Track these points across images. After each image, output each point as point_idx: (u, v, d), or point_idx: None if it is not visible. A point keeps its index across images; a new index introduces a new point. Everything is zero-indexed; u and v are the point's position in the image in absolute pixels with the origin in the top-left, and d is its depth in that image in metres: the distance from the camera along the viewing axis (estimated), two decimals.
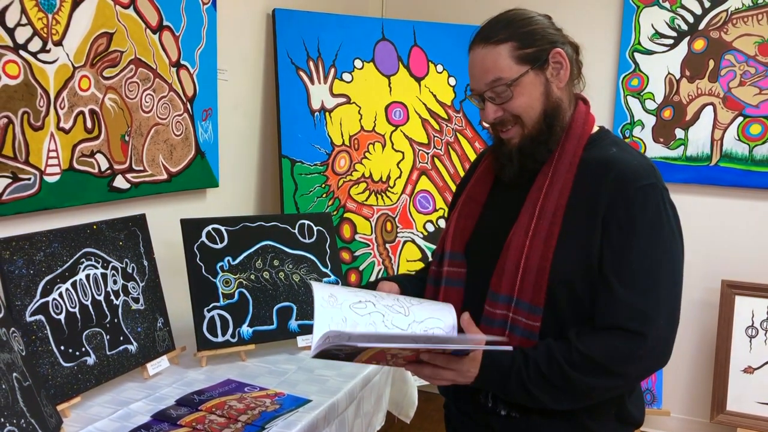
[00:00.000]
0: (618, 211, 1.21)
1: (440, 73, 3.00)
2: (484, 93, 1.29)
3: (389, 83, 2.92)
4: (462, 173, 3.00)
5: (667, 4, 2.99)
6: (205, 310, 1.91)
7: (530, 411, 1.27)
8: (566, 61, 1.29)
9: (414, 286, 1.48)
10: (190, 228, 1.97)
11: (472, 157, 3.02)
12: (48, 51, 1.71)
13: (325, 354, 1.15)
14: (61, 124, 1.77)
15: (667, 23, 3.00)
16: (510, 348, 1.16)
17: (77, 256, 1.66)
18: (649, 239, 1.21)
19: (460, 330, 1.23)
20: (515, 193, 1.34)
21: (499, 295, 1.27)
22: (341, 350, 1.11)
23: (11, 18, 1.62)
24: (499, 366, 1.21)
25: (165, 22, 2.10)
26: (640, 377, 1.27)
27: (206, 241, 1.97)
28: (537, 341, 1.24)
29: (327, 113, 2.81)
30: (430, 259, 1.65)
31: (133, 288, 1.81)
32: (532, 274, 1.23)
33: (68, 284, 1.62)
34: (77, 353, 1.60)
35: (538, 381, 1.20)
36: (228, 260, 1.98)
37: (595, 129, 1.35)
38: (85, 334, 1.63)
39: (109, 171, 1.94)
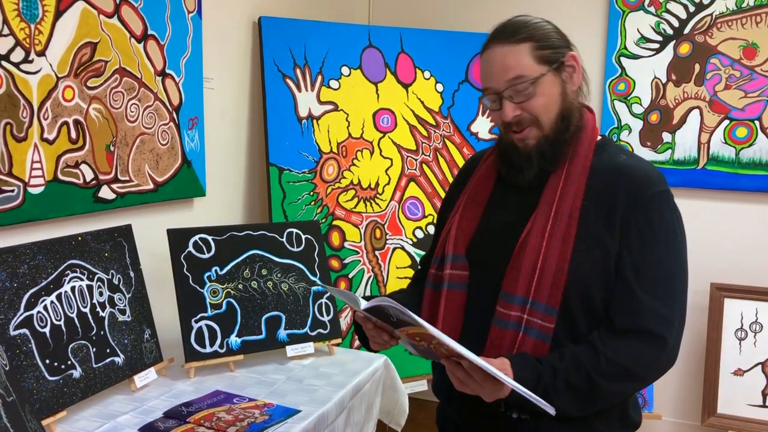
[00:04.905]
0: (637, 216, 1.24)
1: (428, 79, 3.00)
2: (503, 92, 1.27)
3: (377, 90, 2.92)
4: (451, 179, 3.00)
5: (652, 9, 3.00)
6: (193, 320, 1.89)
7: (541, 414, 1.27)
8: (579, 65, 1.31)
9: (412, 303, 1.47)
10: (177, 238, 1.95)
11: (461, 162, 3.01)
12: (31, 61, 1.70)
13: (377, 311, 1.14)
14: (45, 135, 1.75)
15: (652, 28, 3.01)
16: (553, 411, 1.14)
17: (62, 268, 1.64)
18: (667, 245, 1.25)
19: None
20: (521, 196, 1.34)
21: (513, 297, 1.26)
22: (397, 314, 1.11)
23: None
24: (527, 383, 1.18)
25: (150, 31, 2.09)
26: (655, 380, 1.30)
27: (193, 251, 1.95)
28: (550, 345, 1.24)
29: (314, 121, 2.80)
30: (419, 266, 1.63)
31: (120, 299, 1.79)
32: (549, 275, 1.24)
33: (53, 297, 1.60)
34: (63, 366, 1.58)
35: (564, 393, 1.20)
36: (215, 270, 1.97)
37: (598, 137, 1.37)
38: (70, 347, 1.61)
39: (94, 182, 1.92)
